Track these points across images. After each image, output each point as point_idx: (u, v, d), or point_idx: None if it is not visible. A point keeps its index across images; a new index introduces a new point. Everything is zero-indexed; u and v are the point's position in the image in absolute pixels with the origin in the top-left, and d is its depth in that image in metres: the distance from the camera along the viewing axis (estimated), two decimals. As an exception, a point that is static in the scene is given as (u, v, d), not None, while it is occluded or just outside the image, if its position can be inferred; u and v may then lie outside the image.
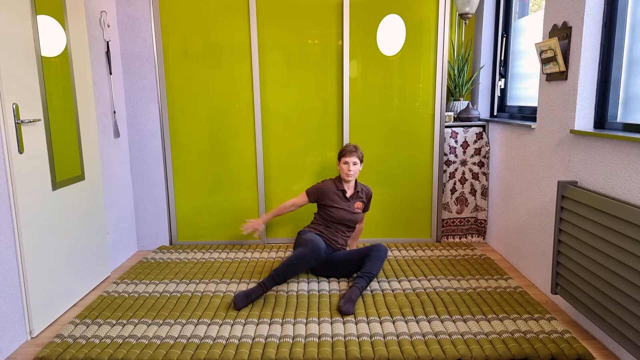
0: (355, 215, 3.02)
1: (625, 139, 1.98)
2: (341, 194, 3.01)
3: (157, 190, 3.60)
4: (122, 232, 3.41)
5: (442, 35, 3.44)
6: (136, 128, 3.52)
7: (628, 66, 2.23)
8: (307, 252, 2.63)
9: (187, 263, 3.27)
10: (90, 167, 2.90)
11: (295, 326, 2.34)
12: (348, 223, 3.01)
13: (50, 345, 2.20)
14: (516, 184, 3.13)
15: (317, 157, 3.62)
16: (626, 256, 1.88)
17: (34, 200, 2.34)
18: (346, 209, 2.99)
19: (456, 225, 3.71)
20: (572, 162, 2.45)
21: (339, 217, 2.98)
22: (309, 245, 2.66)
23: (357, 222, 3.06)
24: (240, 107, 3.54)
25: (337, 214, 2.98)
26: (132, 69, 3.45)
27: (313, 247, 2.64)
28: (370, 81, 3.52)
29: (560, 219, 2.38)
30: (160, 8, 3.41)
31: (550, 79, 2.61)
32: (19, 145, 2.23)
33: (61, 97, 2.61)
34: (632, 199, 2.00)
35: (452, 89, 3.74)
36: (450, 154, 3.61)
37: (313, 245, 2.65)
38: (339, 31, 3.45)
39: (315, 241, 2.68)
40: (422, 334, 2.24)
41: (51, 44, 2.53)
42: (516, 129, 3.11)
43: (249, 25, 3.43)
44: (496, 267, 3.11)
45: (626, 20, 2.23)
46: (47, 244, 2.45)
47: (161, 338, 2.24)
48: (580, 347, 2.10)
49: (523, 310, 2.48)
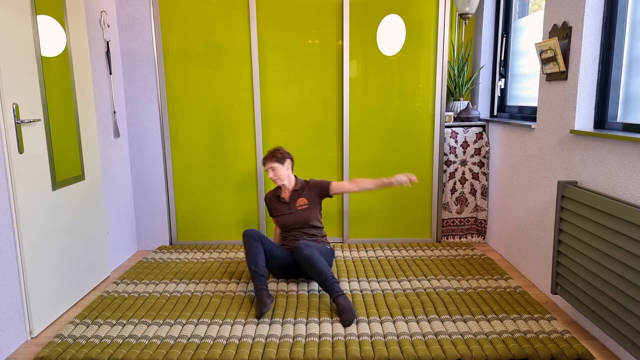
0: (303, 214, 2.94)
1: (625, 139, 1.98)
2: (279, 200, 3.01)
3: (157, 190, 3.60)
4: (122, 232, 3.41)
5: (442, 35, 3.44)
6: (136, 128, 3.52)
7: (628, 66, 2.24)
8: (246, 233, 2.70)
9: (187, 263, 3.27)
10: (90, 167, 2.90)
11: (295, 326, 2.34)
12: (300, 225, 2.95)
13: (50, 345, 2.20)
14: (516, 184, 3.13)
15: (317, 157, 3.62)
16: (626, 256, 1.88)
17: (34, 200, 2.34)
18: (288, 212, 2.95)
19: (456, 225, 3.72)
20: (572, 162, 2.45)
21: (287, 223, 2.95)
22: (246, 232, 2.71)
23: (311, 219, 2.95)
24: (240, 107, 3.54)
25: (283, 221, 2.96)
26: (132, 69, 3.45)
27: (247, 231, 2.71)
28: (370, 81, 3.52)
29: (560, 219, 2.38)
30: (160, 8, 3.41)
31: (550, 79, 2.61)
32: (19, 145, 2.23)
33: (61, 97, 2.61)
34: (632, 199, 2.00)
35: (452, 89, 3.74)
36: (450, 154, 3.61)
37: (248, 230, 2.71)
38: (339, 31, 3.45)
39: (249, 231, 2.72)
40: (423, 334, 2.24)
41: (51, 44, 2.53)
42: (516, 129, 3.11)
43: (249, 26, 3.43)
44: (496, 267, 3.11)
45: (626, 20, 2.23)
46: (47, 244, 2.45)
47: (161, 338, 2.24)
48: (580, 347, 2.10)
49: (523, 310, 2.48)
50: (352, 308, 2.39)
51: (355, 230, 3.71)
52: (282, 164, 2.93)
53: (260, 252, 2.66)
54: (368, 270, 3.09)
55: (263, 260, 2.65)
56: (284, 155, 2.94)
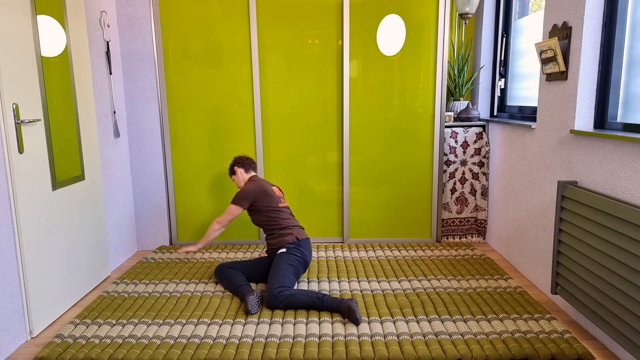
0: (250, 217, 2.99)
1: (625, 139, 1.98)
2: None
3: (157, 190, 3.60)
4: (122, 232, 3.41)
5: (442, 35, 3.44)
6: (136, 128, 3.52)
7: (628, 66, 2.24)
8: (217, 268, 2.90)
9: (187, 263, 3.27)
10: (90, 167, 2.90)
11: (295, 326, 2.34)
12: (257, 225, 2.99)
13: (50, 345, 2.19)
14: (516, 184, 3.13)
15: (317, 157, 3.62)
16: (626, 256, 1.88)
17: (34, 200, 2.34)
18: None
19: (456, 225, 3.72)
20: (572, 162, 2.45)
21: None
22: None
23: (254, 222, 2.95)
24: (240, 107, 3.54)
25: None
26: (132, 69, 3.45)
27: (218, 266, 2.90)
28: (370, 81, 3.52)
29: (560, 219, 2.38)
30: (160, 8, 3.41)
31: (550, 79, 2.61)
32: (19, 145, 2.23)
33: (61, 97, 2.61)
34: (632, 199, 2.00)
35: (452, 89, 3.74)
36: (450, 154, 3.61)
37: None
38: (339, 31, 3.45)
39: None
40: (423, 334, 2.24)
41: (51, 44, 2.52)
42: (516, 129, 3.11)
43: (249, 25, 3.43)
44: (496, 267, 3.11)
45: (626, 20, 2.23)
46: (47, 244, 2.45)
47: (161, 338, 2.24)
48: (580, 347, 2.10)
49: (523, 310, 2.48)
50: (355, 308, 2.39)
51: (355, 230, 3.71)
52: (235, 174, 3.07)
53: (237, 273, 2.77)
54: (368, 270, 3.09)
55: (244, 278, 2.76)
56: (232, 166, 3.08)
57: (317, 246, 3.61)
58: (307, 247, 2.86)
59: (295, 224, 2.92)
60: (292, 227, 2.88)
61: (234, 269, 2.81)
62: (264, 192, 2.88)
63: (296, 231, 2.87)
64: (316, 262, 3.25)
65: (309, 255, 2.85)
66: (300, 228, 2.93)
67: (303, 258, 2.79)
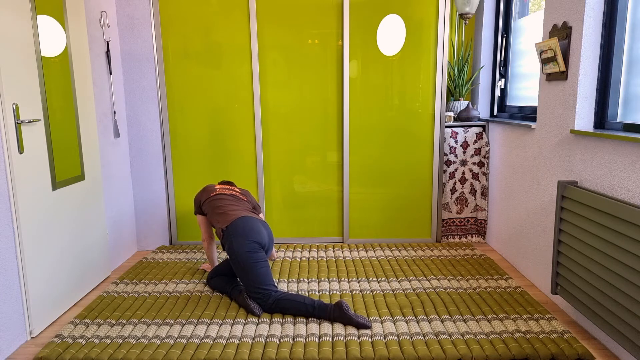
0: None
1: (625, 139, 1.98)
2: None
3: (157, 191, 3.60)
4: (122, 232, 3.41)
5: (442, 35, 3.44)
6: (136, 128, 3.52)
7: (628, 66, 2.24)
8: (208, 279, 2.88)
9: (187, 263, 3.27)
10: (90, 167, 2.90)
11: (295, 326, 2.34)
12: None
13: (50, 345, 2.19)
14: (516, 184, 3.13)
15: (317, 157, 3.62)
16: (626, 256, 1.88)
17: (34, 200, 2.34)
18: None
19: (456, 225, 3.72)
20: (572, 162, 2.45)
21: None
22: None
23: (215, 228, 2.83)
24: (240, 107, 3.54)
25: None
26: (132, 69, 3.45)
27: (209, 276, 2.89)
28: (370, 81, 3.52)
29: (560, 219, 2.38)
30: (160, 8, 3.41)
31: (550, 79, 2.61)
32: (19, 145, 2.23)
33: (61, 97, 2.61)
34: (632, 199, 2.00)
35: (452, 89, 3.74)
36: (450, 154, 3.61)
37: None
38: (339, 31, 3.45)
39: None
40: (423, 334, 2.24)
41: (51, 44, 2.52)
42: (516, 129, 3.12)
43: (249, 25, 3.43)
44: (496, 267, 3.11)
45: (626, 20, 2.23)
46: (47, 244, 2.45)
47: (161, 338, 2.24)
48: (580, 347, 2.10)
49: (523, 310, 2.48)
50: (354, 318, 2.32)
51: (355, 230, 3.71)
52: (198, 213, 2.97)
53: (222, 279, 2.77)
54: (368, 270, 3.09)
55: (230, 280, 2.75)
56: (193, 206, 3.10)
57: (317, 246, 3.61)
58: (239, 228, 2.51)
59: (228, 209, 2.66)
60: (220, 214, 2.64)
61: (218, 276, 2.79)
62: (203, 190, 2.97)
63: (223, 218, 2.60)
64: (316, 262, 3.25)
65: (243, 235, 2.49)
66: (232, 210, 2.64)
67: (237, 250, 2.47)
